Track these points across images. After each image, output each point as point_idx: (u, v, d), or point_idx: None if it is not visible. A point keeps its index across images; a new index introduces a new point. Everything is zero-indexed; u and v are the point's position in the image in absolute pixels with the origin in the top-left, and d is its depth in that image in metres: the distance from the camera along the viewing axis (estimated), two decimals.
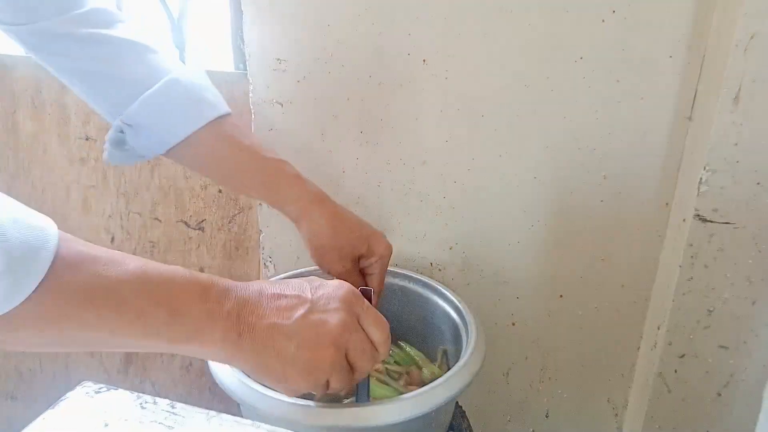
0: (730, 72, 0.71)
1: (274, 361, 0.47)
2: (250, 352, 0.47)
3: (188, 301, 0.44)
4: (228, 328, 0.45)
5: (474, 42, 0.82)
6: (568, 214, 0.88)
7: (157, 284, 0.43)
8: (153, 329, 0.43)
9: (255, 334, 0.47)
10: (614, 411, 1.01)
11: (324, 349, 0.48)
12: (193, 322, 0.44)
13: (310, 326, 0.48)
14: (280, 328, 0.47)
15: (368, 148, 0.91)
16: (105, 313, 0.40)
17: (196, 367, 1.19)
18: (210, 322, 0.45)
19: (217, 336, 0.45)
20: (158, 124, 0.67)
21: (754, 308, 0.81)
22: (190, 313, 0.44)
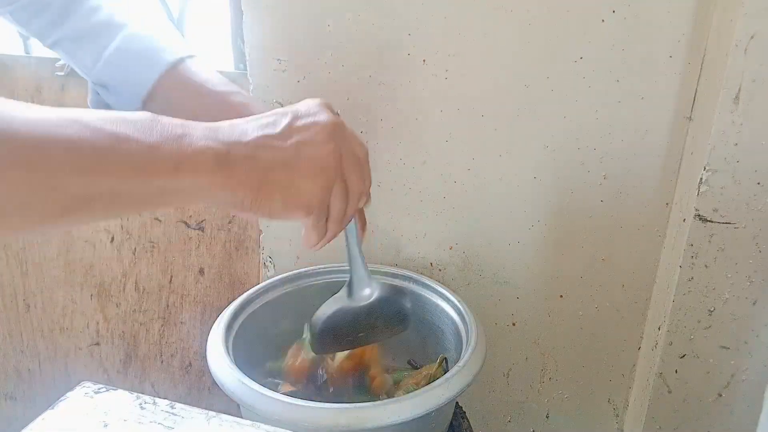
0: (730, 72, 0.71)
1: (278, 169, 0.43)
2: (248, 169, 0.42)
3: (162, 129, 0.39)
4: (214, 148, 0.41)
5: (474, 42, 0.82)
6: (568, 214, 0.88)
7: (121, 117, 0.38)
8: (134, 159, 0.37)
9: (245, 149, 0.42)
10: (615, 411, 1.01)
11: (324, 144, 0.45)
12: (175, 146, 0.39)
13: (302, 129, 0.45)
14: (271, 137, 0.44)
15: (368, 148, 0.91)
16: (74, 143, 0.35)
17: (195, 367, 1.19)
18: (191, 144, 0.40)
19: (207, 156, 0.40)
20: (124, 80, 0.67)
21: (754, 308, 0.81)
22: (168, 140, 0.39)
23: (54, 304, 1.19)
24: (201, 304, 1.14)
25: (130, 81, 0.67)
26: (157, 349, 1.19)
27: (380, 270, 0.86)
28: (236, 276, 1.11)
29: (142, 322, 1.17)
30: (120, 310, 1.17)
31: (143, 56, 0.67)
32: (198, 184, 0.40)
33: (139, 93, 0.67)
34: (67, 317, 1.20)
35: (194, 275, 1.12)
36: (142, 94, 0.67)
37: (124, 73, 0.67)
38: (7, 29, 1.02)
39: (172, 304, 1.14)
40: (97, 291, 1.16)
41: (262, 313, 0.80)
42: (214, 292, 1.12)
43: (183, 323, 1.16)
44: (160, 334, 1.18)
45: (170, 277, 1.13)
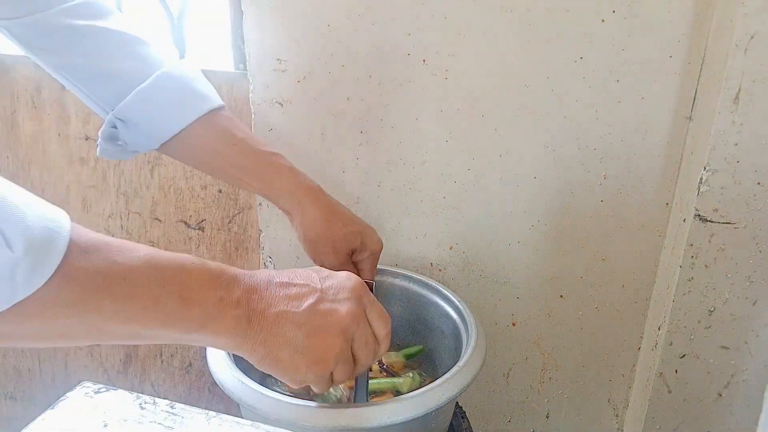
0: (730, 72, 0.71)
1: (283, 349, 0.47)
2: (259, 339, 0.46)
3: (198, 288, 0.44)
4: (238, 315, 0.45)
5: (474, 41, 0.82)
6: (568, 214, 0.88)
7: (168, 271, 0.43)
8: (166, 316, 0.42)
9: (264, 321, 0.46)
10: (615, 411, 1.01)
11: (333, 338, 0.48)
12: (205, 310, 0.44)
13: (320, 315, 0.48)
14: (290, 315, 0.47)
15: (368, 148, 0.91)
16: (120, 298, 0.40)
17: (195, 367, 1.19)
18: (220, 309, 0.44)
19: (228, 323, 0.45)
20: (151, 119, 0.67)
21: (754, 308, 0.81)
22: (201, 301, 0.44)
23: None
24: None
25: (158, 121, 0.67)
26: (157, 349, 1.19)
27: (380, 270, 0.86)
28: None
29: None
30: None
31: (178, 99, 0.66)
32: (215, 341, 0.46)
33: (164, 135, 0.67)
34: None
35: None
36: (166, 136, 0.67)
37: (155, 112, 0.66)
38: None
39: None
40: None
41: None
42: None
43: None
44: None
45: None
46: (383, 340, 0.53)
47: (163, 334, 0.43)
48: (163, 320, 0.42)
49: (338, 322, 0.49)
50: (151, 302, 0.41)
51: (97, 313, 0.39)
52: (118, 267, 0.40)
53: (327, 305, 0.49)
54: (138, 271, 0.41)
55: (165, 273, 0.42)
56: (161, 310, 0.42)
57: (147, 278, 0.41)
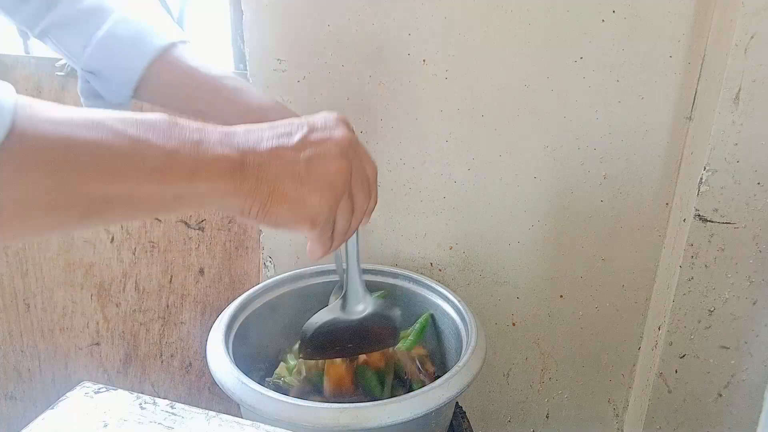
0: (730, 72, 0.71)
1: (287, 182, 0.44)
2: (259, 177, 0.43)
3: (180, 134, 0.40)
4: (228, 155, 0.41)
5: (474, 42, 0.82)
6: (568, 213, 0.88)
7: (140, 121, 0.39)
8: (149, 167, 0.38)
9: (259, 157, 0.43)
10: (615, 411, 1.01)
11: (337, 160, 0.46)
12: (190, 153, 0.40)
13: (316, 143, 0.45)
14: (285, 148, 0.44)
15: (368, 148, 0.91)
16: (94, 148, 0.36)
17: (195, 367, 1.19)
18: (206, 150, 0.40)
19: (220, 164, 0.41)
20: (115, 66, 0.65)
21: (754, 308, 0.81)
22: (185, 146, 0.40)
23: (54, 304, 1.19)
24: (201, 304, 1.14)
25: (120, 66, 0.66)
26: (157, 349, 1.19)
27: (380, 270, 0.86)
28: (236, 276, 1.11)
29: (142, 322, 1.17)
30: (120, 310, 1.17)
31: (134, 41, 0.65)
32: (212, 190, 0.41)
33: (131, 79, 0.66)
34: (67, 317, 1.20)
35: (194, 275, 1.12)
36: (133, 80, 0.66)
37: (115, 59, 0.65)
38: (8, 29, 1.02)
39: (172, 304, 1.14)
40: (97, 291, 1.16)
41: (262, 313, 0.80)
42: (214, 292, 1.12)
43: (183, 323, 1.16)
44: (160, 334, 1.18)
45: (170, 277, 1.13)
46: (374, 181, 0.51)
47: (151, 192, 0.39)
48: (148, 172, 0.38)
49: (336, 144, 0.46)
50: (131, 151, 0.37)
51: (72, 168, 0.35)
52: (86, 116, 0.36)
53: (320, 133, 0.46)
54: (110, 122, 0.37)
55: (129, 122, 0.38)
56: (142, 159, 0.38)
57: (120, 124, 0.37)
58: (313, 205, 0.45)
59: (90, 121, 0.36)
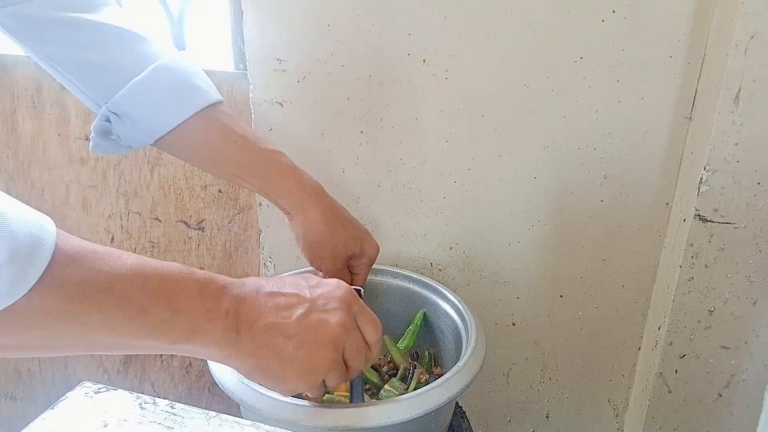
0: (730, 72, 0.71)
1: (273, 360, 0.47)
2: (248, 351, 0.46)
3: (186, 298, 0.43)
4: (227, 327, 0.45)
5: (474, 42, 0.82)
6: (568, 214, 0.88)
7: (155, 280, 0.42)
8: (153, 327, 0.41)
9: (254, 333, 0.46)
10: (615, 411, 1.01)
11: (323, 349, 0.48)
12: (193, 320, 0.43)
13: (310, 326, 0.48)
14: (280, 327, 0.47)
15: (368, 148, 0.91)
16: (106, 308, 0.39)
17: (195, 367, 1.19)
18: (209, 320, 0.44)
19: (217, 335, 0.44)
20: (146, 113, 0.64)
21: (754, 308, 0.81)
22: (189, 311, 0.43)
23: None
24: None
25: (153, 115, 0.64)
26: None
27: (380, 270, 0.86)
28: (236, 276, 1.10)
29: None
30: None
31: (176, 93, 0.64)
32: (201, 352, 0.45)
33: (161, 129, 0.65)
34: None
35: None
36: (163, 130, 0.65)
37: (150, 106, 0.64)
38: None
39: None
40: None
41: None
42: None
43: None
44: None
45: None
46: (374, 345, 0.53)
47: (150, 345, 0.42)
48: (149, 331, 0.41)
49: (328, 333, 0.48)
50: (138, 312, 0.40)
51: (83, 323, 0.39)
52: (104, 276, 0.39)
53: (317, 316, 0.48)
54: (125, 280, 0.40)
55: (152, 282, 0.41)
56: (148, 320, 0.41)
57: (134, 287, 0.40)
58: (293, 384, 0.49)
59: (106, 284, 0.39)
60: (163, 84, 0.64)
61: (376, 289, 0.85)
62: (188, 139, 0.66)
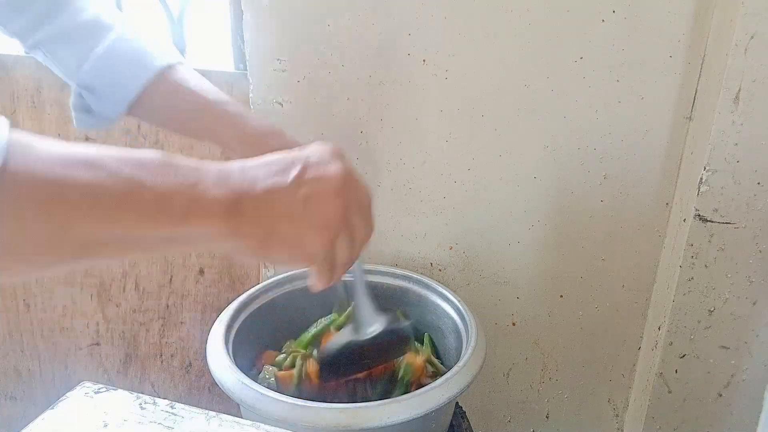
0: (730, 72, 0.71)
1: (283, 222, 0.43)
2: (254, 219, 0.42)
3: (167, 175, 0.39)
4: (223, 196, 0.41)
5: (474, 42, 0.82)
6: (568, 214, 0.88)
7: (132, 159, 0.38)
8: (142, 207, 0.38)
9: (255, 198, 0.42)
10: (615, 411, 1.01)
11: (333, 198, 0.45)
12: (184, 195, 0.39)
13: (312, 180, 0.45)
14: (281, 188, 0.44)
15: (368, 148, 0.91)
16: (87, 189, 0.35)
17: (195, 367, 1.19)
18: (202, 192, 0.40)
19: (214, 207, 0.40)
20: (111, 84, 0.66)
21: (754, 308, 0.81)
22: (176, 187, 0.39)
23: (54, 304, 1.19)
24: (201, 304, 1.14)
25: (118, 83, 0.66)
26: (157, 349, 1.19)
27: (380, 270, 0.86)
28: (236, 276, 1.11)
29: (142, 322, 1.17)
30: (120, 310, 1.17)
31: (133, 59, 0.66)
32: (206, 233, 0.41)
33: (127, 96, 0.67)
34: (67, 317, 1.20)
35: (194, 275, 1.12)
36: (130, 97, 0.66)
37: (113, 76, 0.66)
38: None
39: (172, 304, 1.14)
40: (97, 291, 1.16)
41: (262, 313, 0.80)
42: (214, 292, 1.12)
43: (183, 323, 1.16)
44: (160, 334, 1.18)
45: (170, 277, 1.13)
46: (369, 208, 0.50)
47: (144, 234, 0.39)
48: (141, 214, 0.38)
49: (331, 181, 0.45)
50: (125, 192, 0.37)
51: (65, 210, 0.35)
52: (82, 154, 0.36)
53: (314, 170, 0.45)
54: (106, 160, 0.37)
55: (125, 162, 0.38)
56: (136, 201, 0.37)
57: (115, 168, 0.37)
58: (310, 244, 0.45)
59: (86, 160, 0.36)
60: (121, 53, 0.66)
61: (376, 290, 0.85)
62: (153, 104, 0.68)
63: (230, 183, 0.42)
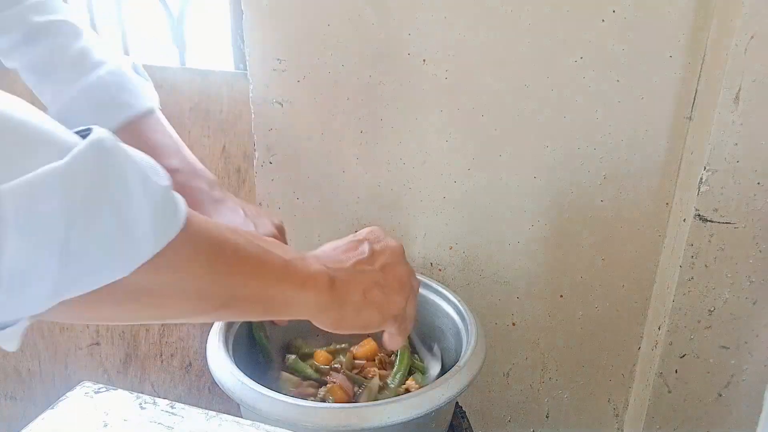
0: (730, 72, 0.71)
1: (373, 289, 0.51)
2: (349, 291, 0.50)
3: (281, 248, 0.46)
4: (326, 274, 0.48)
5: (474, 42, 0.82)
6: (568, 214, 0.88)
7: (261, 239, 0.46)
8: (274, 275, 0.44)
9: (346, 276, 0.50)
10: (615, 411, 1.01)
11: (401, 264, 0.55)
12: (302, 269, 0.47)
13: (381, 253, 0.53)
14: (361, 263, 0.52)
15: (368, 148, 0.91)
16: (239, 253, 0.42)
17: (195, 367, 1.19)
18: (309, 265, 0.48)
19: (318, 281, 0.47)
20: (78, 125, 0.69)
21: (754, 308, 0.81)
22: (296, 263, 0.47)
23: None
24: None
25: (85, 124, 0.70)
26: (157, 349, 1.19)
27: None
28: None
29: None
30: None
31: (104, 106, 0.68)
32: (315, 300, 0.48)
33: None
34: None
35: None
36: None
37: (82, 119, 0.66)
38: None
39: None
40: None
41: None
42: None
43: (183, 323, 1.16)
44: (160, 334, 1.18)
45: None
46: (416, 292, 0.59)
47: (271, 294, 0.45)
48: (273, 277, 0.44)
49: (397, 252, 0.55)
50: (262, 256, 0.44)
51: (224, 264, 0.40)
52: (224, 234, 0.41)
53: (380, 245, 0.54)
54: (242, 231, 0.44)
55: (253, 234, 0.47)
56: (271, 265, 0.44)
57: (251, 237, 0.44)
58: (395, 304, 0.54)
59: (231, 227, 0.43)
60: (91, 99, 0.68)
61: None
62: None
63: (324, 262, 0.50)
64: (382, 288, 0.52)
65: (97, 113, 0.68)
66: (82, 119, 0.66)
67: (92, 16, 1.07)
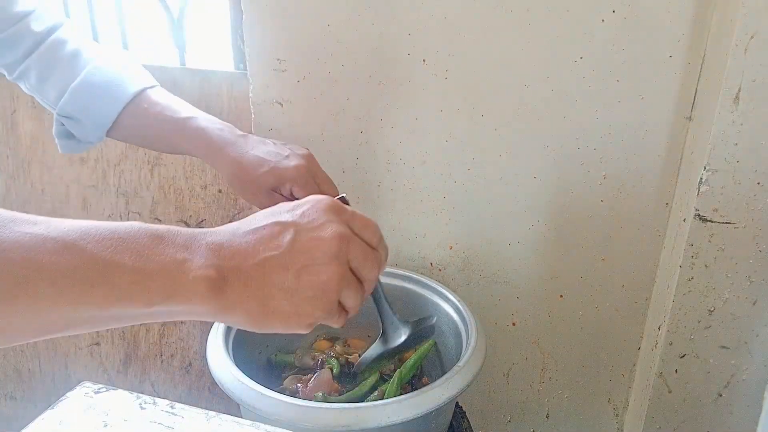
0: (730, 72, 0.71)
1: (276, 297, 0.42)
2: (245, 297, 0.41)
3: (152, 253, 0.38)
4: (210, 276, 0.39)
5: (474, 42, 0.82)
6: (568, 214, 0.88)
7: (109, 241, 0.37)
8: (120, 292, 0.37)
9: (244, 276, 0.41)
10: (615, 411, 1.01)
11: (326, 266, 0.43)
12: (168, 276, 0.38)
13: (304, 248, 0.43)
14: (272, 260, 0.42)
15: (368, 148, 0.91)
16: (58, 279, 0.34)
17: (195, 367, 1.19)
18: (185, 272, 0.39)
19: (201, 287, 0.39)
20: (88, 112, 0.73)
21: (754, 308, 0.81)
22: (160, 268, 0.38)
23: None
24: None
25: (95, 112, 0.73)
26: (157, 349, 1.19)
27: None
28: None
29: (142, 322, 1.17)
30: None
31: (107, 89, 0.73)
32: (190, 310, 0.40)
33: (105, 122, 0.74)
34: None
35: None
36: (107, 123, 0.74)
37: (89, 105, 0.73)
38: None
39: None
40: None
41: None
42: None
43: (183, 323, 1.16)
44: (160, 334, 1.18)
45: None
46: (380, 246, 0.48)
47: (124, 313, 0.38)
48: (118, 297, 0.36)
49: (327, 248, 0.43)
50: (100, 278, 0.36)
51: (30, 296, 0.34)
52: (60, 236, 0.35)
53: (307, 235, 0.43)
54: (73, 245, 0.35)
55: (106, 243, 0.36)
56: (114, 285, 0.36)
57: (87, 252, 0.35)
58: (306, 315, 0.43)
59: (64, 243, 0.35)
60: (96, 83, 0.73)
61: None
62: (128, 126, 0.75)
63: (220, 258, 0.41)
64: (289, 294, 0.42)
65: (103, 96, 0.73)
66: (90, 106, 0.73)
67: (92, 17, 1.07)
